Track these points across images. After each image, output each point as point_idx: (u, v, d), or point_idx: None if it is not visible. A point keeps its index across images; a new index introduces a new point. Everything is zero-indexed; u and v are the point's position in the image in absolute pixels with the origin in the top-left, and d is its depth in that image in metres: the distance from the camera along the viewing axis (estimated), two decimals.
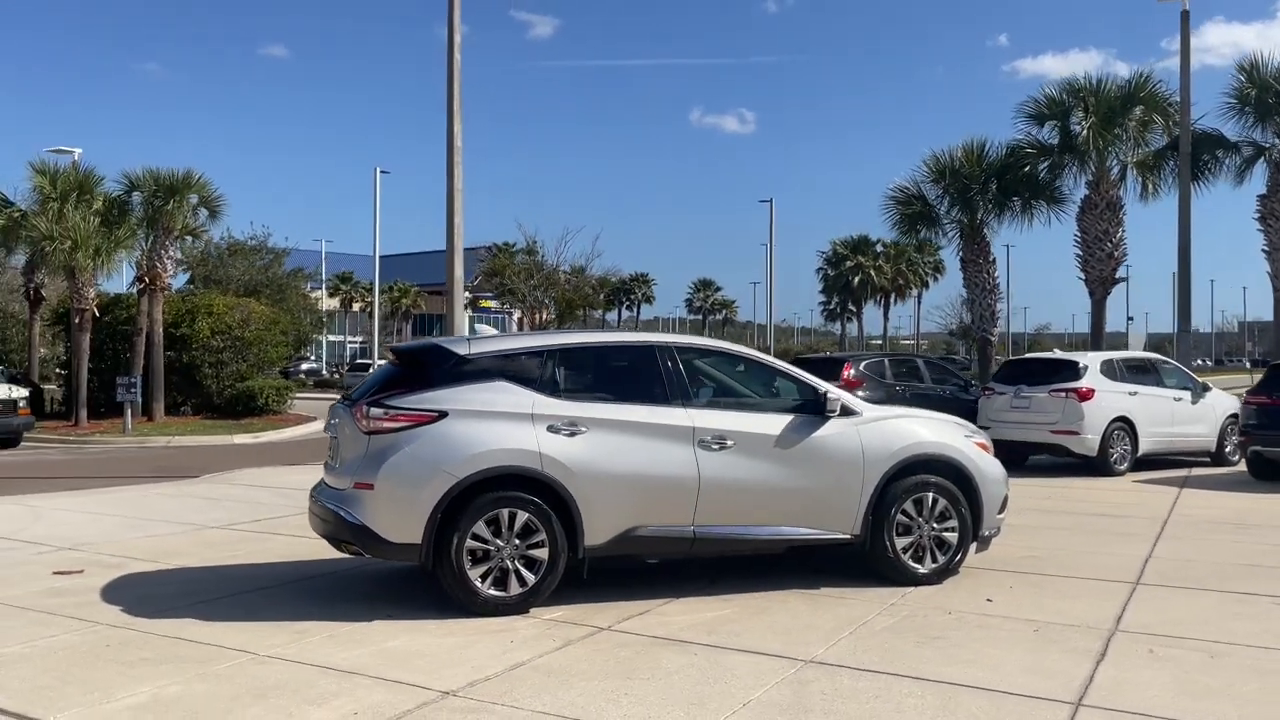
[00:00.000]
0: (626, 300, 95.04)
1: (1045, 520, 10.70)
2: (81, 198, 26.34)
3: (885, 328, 70.61)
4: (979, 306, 21.12)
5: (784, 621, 6.46)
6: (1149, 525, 10.35)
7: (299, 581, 7.58)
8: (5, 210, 26.69)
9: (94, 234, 25.48)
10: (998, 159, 20.72)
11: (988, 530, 7.77)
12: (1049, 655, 5.73)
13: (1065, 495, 12.83)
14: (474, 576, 6.47)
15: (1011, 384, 15.60)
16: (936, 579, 7.50)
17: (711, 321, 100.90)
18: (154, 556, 8.54)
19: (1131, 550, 8.93)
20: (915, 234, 21.45)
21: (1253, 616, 6.65)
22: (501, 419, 6.63)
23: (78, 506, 11.48)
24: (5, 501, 11.93)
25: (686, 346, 7.43)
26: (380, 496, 6.45)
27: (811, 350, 67.27)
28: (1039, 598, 7.14)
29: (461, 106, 16.10)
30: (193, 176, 27.14)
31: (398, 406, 6.59)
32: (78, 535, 9.51)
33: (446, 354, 6.90)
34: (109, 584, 7.45)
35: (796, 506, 7.18)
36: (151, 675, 5.30)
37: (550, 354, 6.99)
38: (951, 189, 20.84)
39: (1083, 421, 14.65)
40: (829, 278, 66.77)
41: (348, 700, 4.92)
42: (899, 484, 7.41)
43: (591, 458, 6.70)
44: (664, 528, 6.89)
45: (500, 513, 6.52)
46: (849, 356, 17.62)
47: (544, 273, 41.34)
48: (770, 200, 49.61)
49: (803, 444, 7.19)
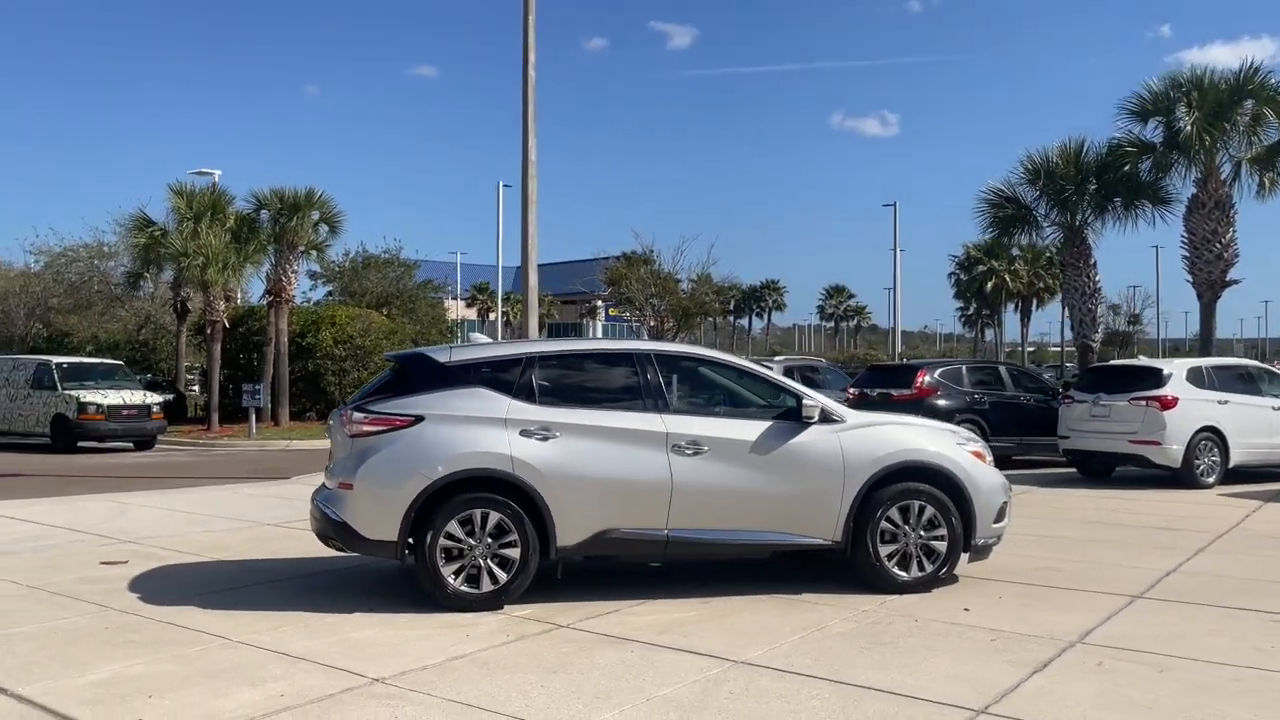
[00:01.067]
0: (756, 307, 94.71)
1: (1088, 532, 10.39)
2: (214, 216, 28.09)
3: (1024, 334, 68.22)
4: (1079, 311, 20.38)
5: (744, 624, 6.56)
6: (1198, 539, 9.94)
7: (310, 576, 8.07)
8: (147, 229, 28.69)
9: (224, 250, 27.16)
10: (1096, 158, 19.98)
11: (982, 539, 7.66)
12: (989, 664, 5.69)
13: (1129, 507, 12.37)
14: (447, 573, 6.81)
15: (1091, 392, 15.08)
16: (924, 587, 7.46)
17: (844, 328, 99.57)
18: (199, 550, 9.21)
19: (1159, 564, 8.63)
20: (1009, 237, 20.88)
21: (1237, 633, 6.41)
22: (475, 424, 6.95)
23: (161, 504, 12.39)
24: (101, 498, 12.97)
25: (666, 354, 7.61)
26: (359, 496, 6.86)
27: (945, 357, 65.55)
28: (1024, 609, 7.02)
29: (536, 124, 16.59)
30: (314, 194, 28.59)
31: (377, 411, 7.00)
32: (143, 530, 10.31)
33: (428, 362, 7.28)
34: (142, 574, 8.10)
35: (773, 512, 7.26)
36: (127, 656, 5.82)
37: (529, 361, 7.27)
38: (1048, 190, 20.20)
39: (1164, 431, 14.06)
40: (960, 282, 64.99)
41: (283, 683, 5.31)
42: (884, 491, 7.40)
43: (563, 461, 6.95)
44: (637, 530, 7.08)
45: (473, 513, 6.84)
46: (924, 364, 17.32)
47: (661, 281, 41.66)
48: (894, 204, 48.66)
49: (779, 450, 7.27)
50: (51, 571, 8.21)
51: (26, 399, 23.76)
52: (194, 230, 27.46)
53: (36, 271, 43.83)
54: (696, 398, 7.71)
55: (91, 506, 12.14)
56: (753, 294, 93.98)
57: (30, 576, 7.99)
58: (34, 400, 23.58)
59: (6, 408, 24.12)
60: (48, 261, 42.90)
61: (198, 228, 27.51)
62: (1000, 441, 16.68)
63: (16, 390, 24.05)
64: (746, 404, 7.65)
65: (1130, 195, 19.80)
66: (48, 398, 23.31)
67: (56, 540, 9.72)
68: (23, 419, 23.81)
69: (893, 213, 48.96)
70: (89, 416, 22.73)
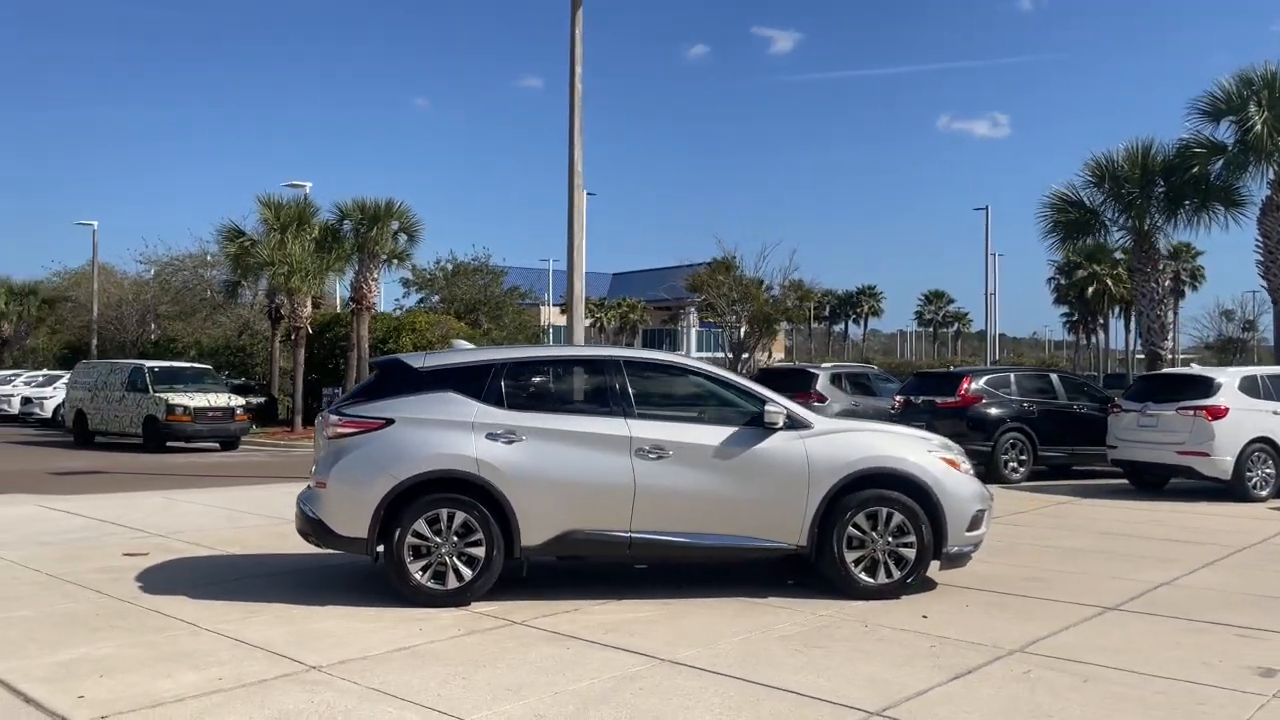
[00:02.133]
0: (853, 313, 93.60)
1: (1100, 543, 10.21)
2: (300, 227, 29.23)
3: (1128, 341, 65.86)
4: (1148, 318, 19.76)
5: (693, 625, 6.70)
6: (1213, 552, 9.67)
7: (306, 571, 8.46)
8: (237, 240, 29.98)
9: (307, 259, 28.24)
10: (1164, 160, 19.36)
11: (955, 548, 7.64)
12: (912, 670, 5.72)
13: (1162, 519, 12.05)
14: (414, 570, 7.11)
15: (1140, 401, 14.68)
16: (891, 594, 7.48)
17: (947, 335, 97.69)
18: (217, 544, 9.73)
19: (1155, 576, 8.45)
20: (1073, 243, 20.33)
21: (1195, 646, 6.29)
22: (443, 427, 7.24)
23: (207, 500, 13.06)
24: (155, 495, 13.73)
25: (634, 360, 7.80)
26: (332, 494, 7.22)
27: (1048, 365, 63.78)
28: (984, 618, 7.00)
29: (583, 134, 16.90)
30: (393, 205, 29.49)
31: (351, 414, 7.36)
32: (177, 524, 10.91)
33: (402, 367, 7.61)
34: (154, 565, 8.62)
35: (737, 516, 7.38)
36: (101, 639, 6.26)
37: (499, 367, 7.53)
38: (1114, 193, 19.65)
39: (1213, 442, 13.62)
40: (1060, 287, 63.25)
41: (227, 668, 5.65)
42: (851, 497, 7.45)
43: (527, 464, 7.20)
44: (600, 532, 7.28)
45: (440, 512, 7.13)
46: (969, 371, 17.05)
47: (742, 287, 41.64)
48: (986, 208, 47.55)
49: (742, 455, 7.39)
50: (75, 561, 8.79)
51: (121, 401, 25.09)
52: (281, 240, 28.63)
53: (146, 280, 46.19)
54: (664, 403, 7.87)
55: (143, 502, 12.87)
56: (849, 300, 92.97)
57: (54, 566, 8.58)
58: (128, 402, 24.89)
59: (104, 409, 25.52)
60: (156, 271, 45.18)
61: (284, 238, 28.67)
62: (1051, 451, 16.41)
63: (113, 393, 25.42)
64: (715, 410, 7.77)
65: (1201, 198, 19.14)
66: (140, 400, 24.57)
67: (94, 533, 10.36)
68: (118, 420, 25.16)
69: (984, 216, 47.87)
70: (176, 418, 23.88)
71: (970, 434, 16.04)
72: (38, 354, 52.30)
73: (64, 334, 51.40)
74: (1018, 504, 13.38)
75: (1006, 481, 15.84)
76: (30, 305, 54.09)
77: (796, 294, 46.44)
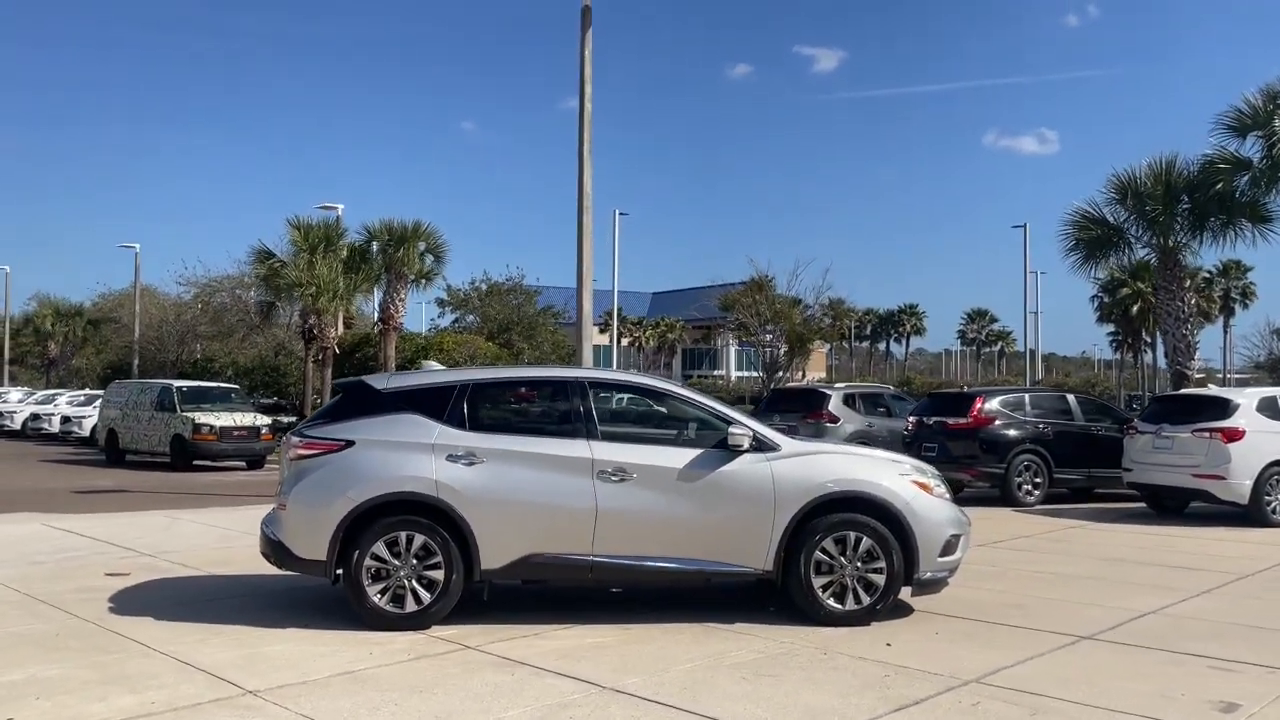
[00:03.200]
0: (895, 332, 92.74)
1: (1097, 569, 9.94)
2: (329, 248, 29.52)
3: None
4: (1173, 337, 19.32)
5: (646, 652, 6.59)
6: (1213, 580, 9.38)
7: (280, 592, 8.46)
8: (267, 261, 30.36)
9: (334, 280, 28.51)
10: (1188, 176, 18.95)
11: (928, 573, 7.46)
12: (853, 700, 5.58)
13: (1170, 545, 11.72)
14: (372, 593, 7.07)
15: (1155, 422, 14.33)
16: (860, 620, 7.32)
17: (992, 354, 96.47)
18: (202, 564, 9.77)
19: (1143, 604, 8.20)
20: (1095, 261, 19.92)
21: (1160, 678, 6.08)
22: (403, 448, 7.22)
23: (210, 520, 13.16)
24: (159, 514, 13.87)
25: (600, 381, 7.73)
26: (292, 516, 7.22)
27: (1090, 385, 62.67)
28: (950, 647, 6.82)
29: (591, 155, 16.93)
30: (420, 226, 29.71)
31: (312, 436, 7.36)
32: (172, 544, 10.99)
33: (366, 388, 7.60)
34: (132, 586, 8.66)
35: (701, 539, 7.26)
36: (52, 661, 6.27)
37: (461, 389, 7.49)
38: (1137, 210, 19.27)
39: (1229, 465, 13.26)
40: (1104, 305, 62.08)
41: (166, 692, 5.64)
42: (818, 521, 7.32)
43: (487, 486, 7.15)
44: (561, 555, 7.20)
45: (399, 535, 7.09)
46: (982, 391, 16.74)
47: (773, 306, 41.41)
48: (1024, 225, 47.08)
49: (707, 478, 7.28)
50: (57, 580, 8.87)
51: (150, 420, 25.44)
52: (309, 261, 28.93)
53: (186, 301, 46.98)
54: (629, 425, 7.80)
55: (145, 521, 12.99)
56: (890, 319, 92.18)
57: (34, 585, 8.66)
58: (157, 421, 25.23)
59: (135, 428, 25.89)
60: (196, 292, 45.95)
61: (312, 258, 28.96)
62: (1067, 474, 16.07)
63: (143, 412, 25.79)
64: (681, 431, 7.69)
65: (1228, 214, 18.72)
66: (168, 419, 24.89)
67: (86, 552, 10.46)
68: (147, 439, 25.51)
69: (1023, 234, 47.35)
70: (202, 437, 24.16)
71: (983, 456, 15.78)
72: (82, 374, 53.40)
73: (107, 354, 52.48)
74: (1025, 528, 13.10)
75: (1021, 504, 15.52)
76: (76, 326, 55.31)
77: (832, 313, 46.08)
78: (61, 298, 57.05)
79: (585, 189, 16.86)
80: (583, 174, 16.90)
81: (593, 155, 16.99)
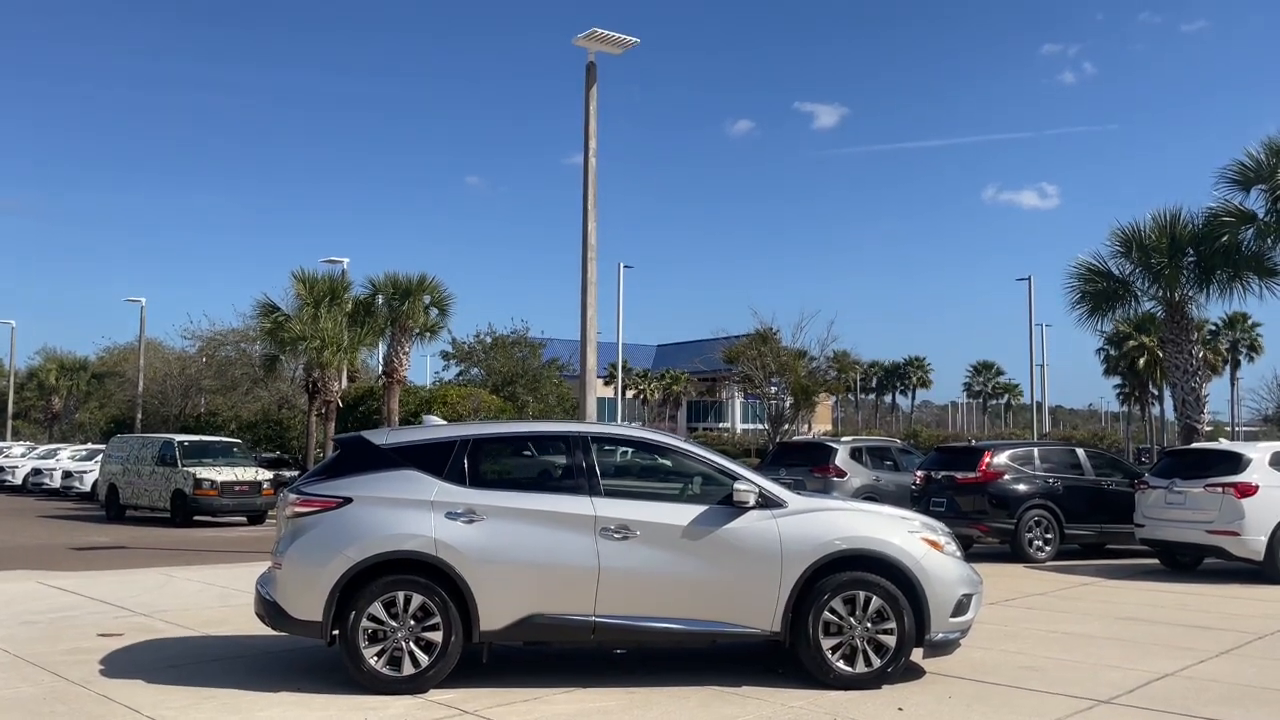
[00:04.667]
0: (900, 385, 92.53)
1: (1112, 628, 9.69)
2: (333, 301, 29.57)
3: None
4: (1182, 390, 19.15)
5: (653, 717, 6.39)
6: (1231, 640, 9.13)
7: (275, 654, 8.25)
8: (271, 315, 30.36)
9: (338, 334, 28.51)
10: (1192, 229, 18.91)
11: (938, 634, 7.25)
12: None
13: (1186, 603, 11.46)
14: (369, 655, 6.87)
15: (1166, 477, 14.12)
16: (871, 683, 7.10)
17: (999, 407, 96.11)
18: (196, 625, 9.56)
19: (1161, 666, 7.96)
20: (1101, 314, 19.82)
21: None
22: (402, 506, 7.06)
23: (206, 578, 12.95)
24: (155, 571, 13.65)
25: (601, 435, 7.58)
26: (287, 576, 7.04)
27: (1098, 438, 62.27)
28: (963, 711, 6.61)
29: (596, 208, 16.95)
30: (425, 280, 29.71)
31: (309, 493, 7.21)
32: (167, 603, 10.78)
33: (365, 444, 7.45)
34: (124, 647, 8.45)
35: (706, 599, 7.07)
36: None
37: (462, 444, 7.35)
38: (1142, 263, 19.21)
39: (1242, 521, 13.02)
40: (1110, 358, 61.92)
41: None
42: (827, 580, 7.13)
43: (487, 544, 6.98)
44: (563, 616, 7.00)
45: (396, 595, 6.91)
46: (991, 445, 16.52)
47: (778, 358, 41.31)
48: (1029, 278, 47.17)
49: (712, 535, 7.11)
50: (48, 642, 8.66)
51: (151, 475, 25.25)
52: (314, 315, 28.95)
53: (190, 355, 46.99)
54: (632, 480, 7.64)
55: (141, 579, 12.78)
56: (896, 371, 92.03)
57: (25, 646, 8.45)
58: (158, 476, 25.03)
59: (136, 483, 25.70)
60: (200, 346, 45.96)
61: (317, 312, 28.99)
62: (1078, 529, 15.83)
63: (144, 467, 25.61)
64: (685, 487, 7.53)
65: (1234, 267, 18.64)
66: (169, 473, 24.69)
67: (79, 611, 10.26)
68: (148, 494, 25.29)
69: (1028, 287, 47.40)
70: (203, 492, 23.96)
71: (992, 511, 15.55)
72: (86, 428, 53.30)
73: (111, 408, 52.34)
74: (1037, 585, 12.85)
75: (1032, 561, 15.26)
76: (80, 380, 55.43)
77: (837, 365, 45.94)
78: (67, 352, 57.31)
79: (590, 241, 16.89)
80: (587, 227, 16.94)
81: (597, 209, 17.03)
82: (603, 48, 16.74)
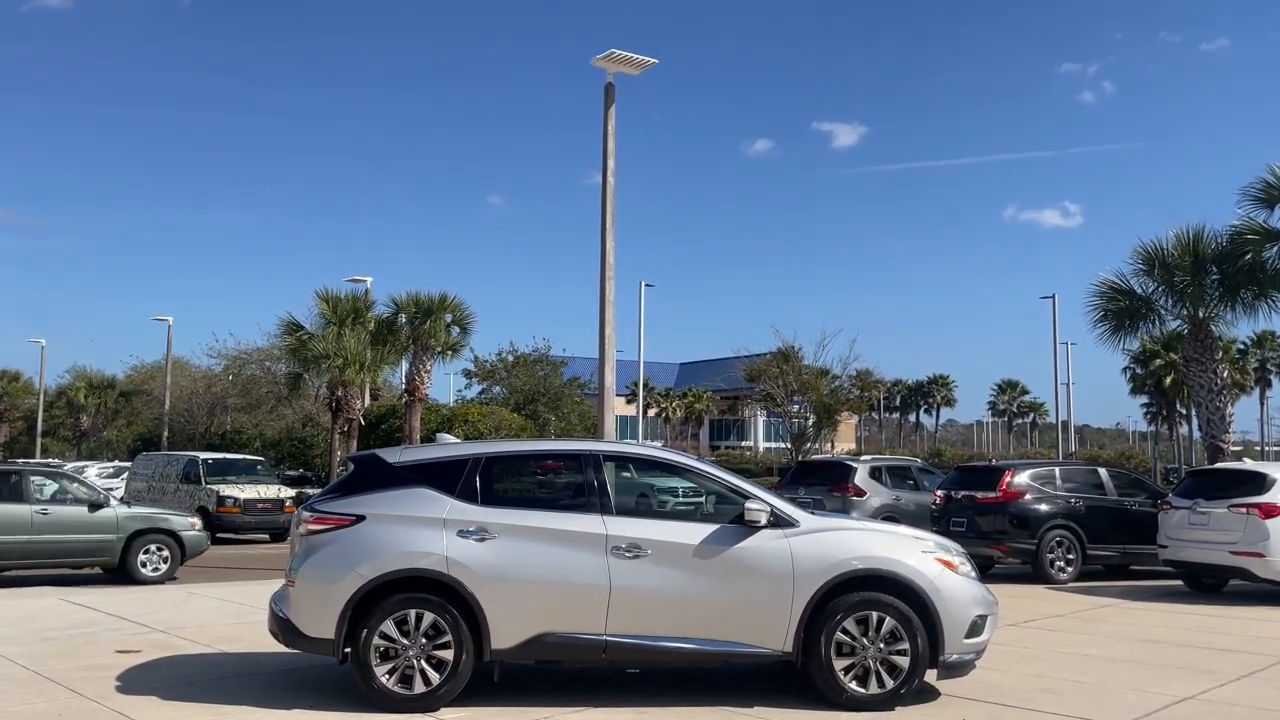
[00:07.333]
0: (924, 404, 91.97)
1: (1132, 651, 9.58)
2: (356, 320, 29.82)
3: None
4: (1206, 409, 18.94)
5: None
6: (1255, 663, 9.01)
7: (291, 670, 8.28)
8: (296, 333, 30.63)
9: (361, 352, 28.70)
10: (1215, 247, 18.75)
11: (952, 655, 7.19)
12: None
13: (1209, 625, 11.32)
14: (380, 673, 6.88)
15: (1190, 498, 13.97)
16: (884, 705, 7.05)
17: (1025, 425, 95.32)
18: (212, 641, 9.61)
19: (1180, 690, 7.86)
20: (1124, 333, 19.65)
21: None
22: (414, 524, 7.09)
23: (227, 595, 13.01)
24: (176, 588, 13.76)
25: (614, 454, 7.59)
26: (300, 593, 7.08)
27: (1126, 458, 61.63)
28: None
29: (614, 228, 17.03)
30: (446, 299, 29.89)
31: (322, 511, 7.25)
32: (186, 620, 10.85)
33: (378, 462, 7.49)
34: (141, 664, 8.51)
35: (717, 619, 7.05)
36: None
37: (475, 462, 7.38)
38: (1165, 282, 19.05)
39: (1268, 542, 12.85)
40: (1136, 377, 61.35)
41: None
42: (839, 600, 7.09)
43: (498, 563, 6.99)
44: (574, 634, 7.00)
45: (408, 613, 6.93)
46: (1011, 465, 16.38)
47: (800, 377, 41.21)
48: (1053, 296, 46.85)
49: (723, 554, 7.10)
50: (66, 658, 8.74)
51: (176, 493, 25.45)
52: (337, 333, 29.19)
53: (216, 373, 47.41)
54: (644, 499, 7.67)
55: (161, 596, 12.88)
56: (920, 389, 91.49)
57: (44, 662, 8.53)
58: (182, 494, 25.22)
59: (160, 501, 25.79)
60: (226, 364, 46.38)
61: (340, 331, 29.23)
62: (1100, 550, 15.67)
63: (169, 484, 25.84)
64: (697, 506, 7.54)
65: (1259, 285, 18.45)
66: (193, 491, 24.89)
67: (98, 627, 10.34)
68: None
69: (1051, 306, 47.10)
70: (226, 510, 24.12)
71: (1013, 531, 15.42)
72: (113, 445, 53.80)
73: (138, 426, 52.84)
74: (1057, 606, 12.72)
75: (1053, 582, 15.10)
76: (108, 398, 55.93)
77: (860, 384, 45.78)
78: (96, 370, 57.90)
79: (608, 261, 16.97)
80: (605, 246, 17.02)
81: (616, 227, 17.12)
82: (621, 68, 16.87)
